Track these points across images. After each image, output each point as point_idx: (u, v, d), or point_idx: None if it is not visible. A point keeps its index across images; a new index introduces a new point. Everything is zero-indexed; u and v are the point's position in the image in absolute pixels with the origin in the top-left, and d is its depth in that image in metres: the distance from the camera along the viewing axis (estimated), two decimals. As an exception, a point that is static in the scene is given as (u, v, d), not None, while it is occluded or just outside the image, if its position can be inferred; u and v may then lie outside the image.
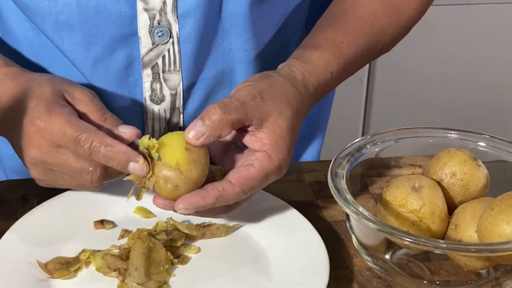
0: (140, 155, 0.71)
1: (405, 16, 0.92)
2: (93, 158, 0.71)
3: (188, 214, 0.74)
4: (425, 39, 2.03)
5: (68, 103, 0.75)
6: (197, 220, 0.82)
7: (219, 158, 0.77)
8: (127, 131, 0.73)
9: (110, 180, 0.75)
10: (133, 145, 0.73)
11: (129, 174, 0.73)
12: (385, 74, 2.10)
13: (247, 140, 0.75)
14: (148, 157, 0.71)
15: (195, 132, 0.72)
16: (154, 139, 0.72)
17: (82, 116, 0.74)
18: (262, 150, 0.74)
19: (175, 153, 0.72)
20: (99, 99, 0.77)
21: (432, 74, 2.12)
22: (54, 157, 0.73)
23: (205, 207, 0.71)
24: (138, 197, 0.74)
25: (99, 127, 0.73)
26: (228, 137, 0.78)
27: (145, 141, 0.72)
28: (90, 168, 0.73)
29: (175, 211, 0.72)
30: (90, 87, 0.88)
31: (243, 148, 0.77)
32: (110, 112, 0.75)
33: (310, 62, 0.82)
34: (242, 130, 0.75)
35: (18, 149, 0.76)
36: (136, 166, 0.71)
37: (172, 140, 0.73)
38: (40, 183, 0.77)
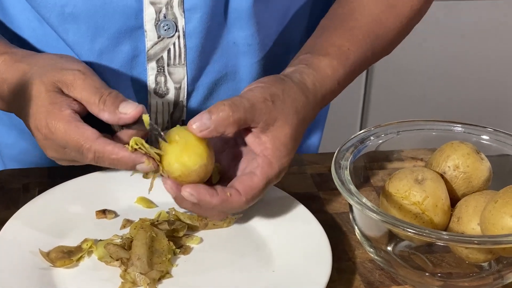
0: (144, 156, 0.71)
1: (408, 18, 0.92)
2: (99, 164, 0.72)
3: (185, 208, 0.74)
4: (424, 33, 2.02)
5: (65, 94, 0.74)
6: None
7: (217, 154, 0.77)
8: (129, 112, 0.72)
9: None
10: (139, 122, 0.73)
11: None
12: (384, 68, 2.10)
13: (250, 140, 0.75)
14: (153, 152, 0.71)
15: (200, 124, 0.71)
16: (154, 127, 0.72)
17: (82, 103, 0.73)
18: (263, 155, 0.74)
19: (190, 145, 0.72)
20: (92, 74, 0.75)
21: (431, 69, 2.12)
22: (71, 155, 0.74)
23: (207, 205, 0.72)
24: (150, 188, 0.74)
25: (100, 112, 0.72)
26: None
27: (132, 143, 0.71)
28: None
29: (176, 201, 0.73)
30: None
31: (242, 145, 0.77)
32: (107, 88, 0.74)
33: (319, 70, 0.82)
34: (246, 129, 0.75)
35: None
36: (143, 166, 0.71)
37: (182, 133, 0.73)
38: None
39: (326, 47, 0.85)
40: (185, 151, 0.71)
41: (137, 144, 0.71)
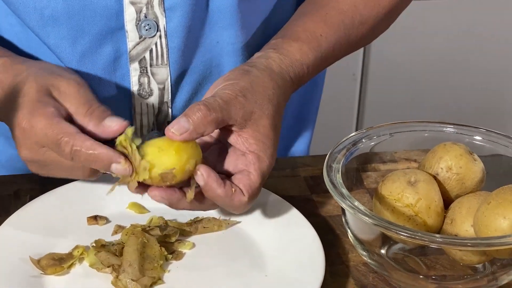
0: (122, 156, 0.70)
1: (386, 9, 0.91)
2: (75, 161, 0.71)
3: (183, 209, 0.73)
4: (418, 33, 2.02)
5: (55, 98, 0.74)
6: (186, 217, 0.82)
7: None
8: (113, 125, 0.72)
9: (103, 172, 0.74)
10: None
11: None
12: (379, 69, 2.09)
13: (233, 140, 0.75)
14: (131, 155, 0.70)
15: (178, 127, 0.71)
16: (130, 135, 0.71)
17: (69, 111, 0.73)
18: (250, 152, 0.74)
19: (170, 153, 0.71)
20: (87, 87, 0.75)
21: (426, 69, 2.12)
22: (44, 156, 0.73)
23: (212, 193, 0.71)
24: (111, 190, 0.73)
25: (86, 122, 0.72)
26: (213, 134, 0.77)
27: (121, 139, 0.70)
28: (80, 165, 0.72)
29: (172, 205, 0.72)
30: None
31: (226, 143, 0.77)
32: (98, 102, 0.74)
33: (288, 54, 0.82)
34: (226, 130, 0.75)
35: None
36: (119, 166, 0.70)
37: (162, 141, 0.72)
38: (41, 175, 0.76)
39: (298, 32, 0.85)
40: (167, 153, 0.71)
41: (124, 142, 0.70)
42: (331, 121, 1.78)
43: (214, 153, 0.77)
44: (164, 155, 0.70)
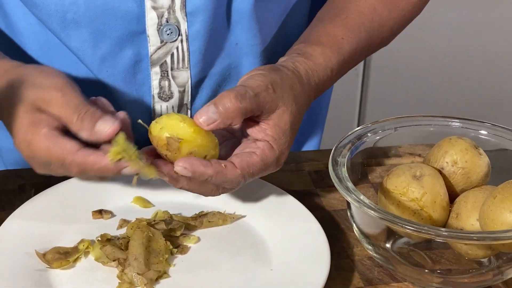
0: (127, 162, 0.69)
1: (404, 11, 0.92)
2: (85, 175, 0.71)
3: (181, 188, 0.72)
4: (421, 29, 2.02)
5: (45, 111, 0.71)
6: (191, 211, 0.82)
7: None
8: (106, 129, 0.70)
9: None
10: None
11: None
12: (381, 65, 2.09)
13: (250, 128, 0.74)
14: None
15: (207, 118, 0.71)
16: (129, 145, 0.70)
17: (61, 121, 0.71)
18: (264, 140, 0.74)
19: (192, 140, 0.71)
20: (70, 90, 0.72)
21: (428, 65, 2.11)
22: (58, 170, 0.73)
23: (202, 176, 0.70)
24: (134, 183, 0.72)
25: (79, 132, 0.71)
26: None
27: (115, 151, 0.70)
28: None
29: (171, 181, 0.72)
30: (98, 83, 0.87)
31: (240, 138, 0.76)
32: (84, 103, 0.71)
33: (312, 58, 0.82)
34: (246, 119, 0.74)
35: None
36: (129, 170, 0.69)
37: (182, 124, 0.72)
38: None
39: (319, 36, 0.85)
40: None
41: (119, 154, 0.69)
42: (333, 117, 1.77)
43: (226, 148, 0.77)
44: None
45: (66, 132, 0.72)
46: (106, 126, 0.70)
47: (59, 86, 0.72)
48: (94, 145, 0.71)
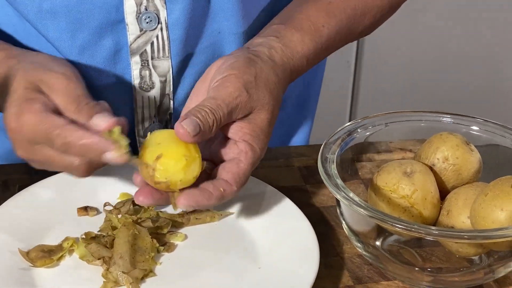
0: (113, 144, 0.68)
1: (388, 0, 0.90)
2: (69, 153, 0.69)
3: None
4: (413, 20, 2.01)
5: (44, 93, 0.72)
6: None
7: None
8: (101, 124, 0.69)
9: (99, 168, 0.73)
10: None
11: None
12: (373, 56, 2.08)
13: (228, 129, 0.74)
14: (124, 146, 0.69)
15: (194, 131, 0.70)
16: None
17: (58, 107, 0.71)
18: (243, 141, 0.73)
19: (179, 149, 0.70)
20: (77, 81, 0.73)
21: (421, 57, 2.11)
22: (38, 154, 0.71)
23: (206, 207, 0.72)
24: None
25: (74, 120, 0.70)
26: None
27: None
28: (76, 163, 0.71)
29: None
30: None
31: (223, 136, 0.76)
32: (88, 98, 0.72)
33: (290, 45, 0.81)
34: None
35: None
36: (112, 154, 0.68)
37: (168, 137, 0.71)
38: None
39: (301, 20, 0.84)
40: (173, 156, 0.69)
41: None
42: (325, 109, 1.76)
43: (209, 149, 0.76)
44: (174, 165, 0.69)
45: (58, 114, 0.71)
46: (101, 121, 0.70)
47: (68, 75, 0.73)
48: None
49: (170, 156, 0.69)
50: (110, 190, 0.82)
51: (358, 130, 0.80)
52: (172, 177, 0.69)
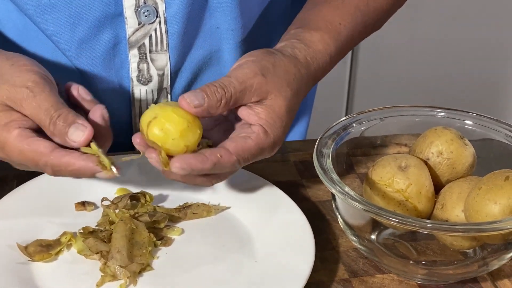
0: (99, 165, 0.68)
1: None
2: (60, 176, 0.70)
3: (174, 179, 0.71)
4: (408, 17, 2.01)
5: (16, 110, 0.70)
6: (175, 202, 0.81)
7: (206, 131, 0.75)
8: (78, 139, 0.68)
9: None
10: None
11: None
12: (369, 52, 2.08)
13: (244, 113, 0.73)
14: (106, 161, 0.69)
15: (195, 99, 0.69)
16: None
17: (34, 122, 0.70)
18: (258, 124, 0.72)
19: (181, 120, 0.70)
20: (42, 90, 0.70)
21: (416, 52, 2.11)
22: (32, 169, 0.72)
23: (200, 172, 0.69)
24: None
25: (51, 136, 0.70)
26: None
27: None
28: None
29: (165, 174, 0.70)
30: (75, 69, 0.86)
31: (233, 122, 0.76)
32: (56, 106, 0.69)
33: (311, 45, 0.81)
34: (239, 105, 0.73)
35: None
36: (102, 175, 0.68)
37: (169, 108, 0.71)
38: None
39: (317, 21, 0.84)
40: (170, 120, 0.69)
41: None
42: (320, 105, 1.76)
43: (219, 132, 0.75)
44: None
45: (39, 130, 0.70)
46: (78, 135, 0.68)
47: (30, 86, 0.70)
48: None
49: (165, 117, 0.69)
50: (107, 185, 0.82)
51: (353, 124, 0.81)
52: (164, 136, 0.69)
